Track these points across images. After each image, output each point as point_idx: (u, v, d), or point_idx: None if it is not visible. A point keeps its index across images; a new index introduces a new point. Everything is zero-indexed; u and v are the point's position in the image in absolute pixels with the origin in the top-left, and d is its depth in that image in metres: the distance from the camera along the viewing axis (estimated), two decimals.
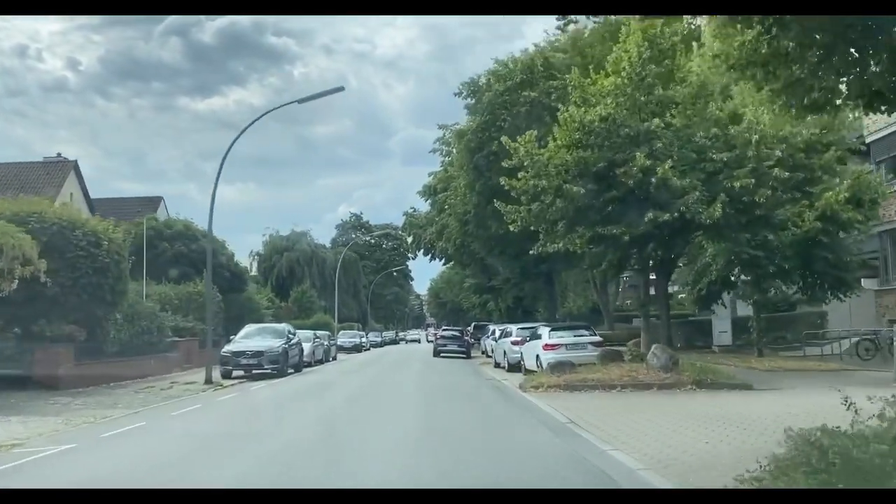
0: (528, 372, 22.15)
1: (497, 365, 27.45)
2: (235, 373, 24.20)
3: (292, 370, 26.51)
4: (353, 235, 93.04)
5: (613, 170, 16.19)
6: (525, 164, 17.20)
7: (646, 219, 15.63)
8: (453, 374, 24.73)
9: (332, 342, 37.36)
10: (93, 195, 42.10)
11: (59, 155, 41.04)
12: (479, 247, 31.83)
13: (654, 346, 16.96)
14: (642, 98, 16.59)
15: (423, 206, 46.88)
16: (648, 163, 15.46)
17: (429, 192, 43.83)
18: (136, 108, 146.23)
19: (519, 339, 24.59)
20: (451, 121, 36.02)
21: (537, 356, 20.70)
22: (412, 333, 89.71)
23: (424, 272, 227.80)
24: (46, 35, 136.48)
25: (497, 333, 32.80)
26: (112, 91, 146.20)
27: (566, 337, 20.71)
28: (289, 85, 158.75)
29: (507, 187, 17.96)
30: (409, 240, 46.26)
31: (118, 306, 21.21)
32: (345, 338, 50.10)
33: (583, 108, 16.36)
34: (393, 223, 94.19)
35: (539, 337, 21.55)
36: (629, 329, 38.05)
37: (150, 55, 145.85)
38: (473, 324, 48.14)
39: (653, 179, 15.46)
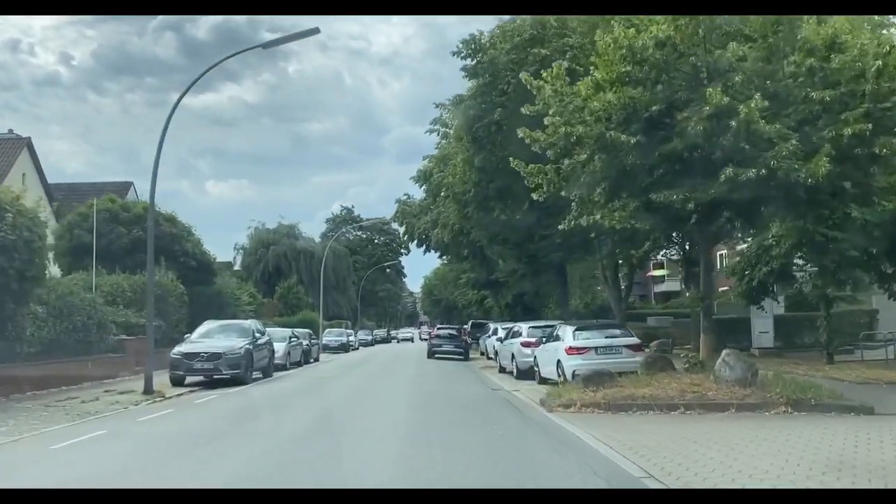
0: (543, 381, 17.80)
1: (503, 370, 23.11)
2: (191, 378, 19.83)
3: (259, 375, 22.10)
4: (344, 230, 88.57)
5: (673, 114, 11.86)
6: (552, 109, 12.81)
7: (722, 177, 11.27)
8: (453, 382, 20.34)
9: (313, 342, 32.91)
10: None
11: (10, 131, 36.41)
12: (480, 234, 27.42)
13: (725, 353, 12.63)
14: (708, 21, 12.24)
15: (417, 194, 42.51)
16: (725, 100, 11.11)
17: (423, 177, 39.44)
18: (129, 103, 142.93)
19: (531, 339, 20.25)
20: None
21: (558, 362, 16.33)
22: (404, 332, 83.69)
23: (418, 269, 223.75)
24: (39, 29, 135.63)
25: (500, 333, 28.44)
26: (105, 86, 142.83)
27: (595, 338, 16.33)
28: (283, 82, 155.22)
29: (527, 140, 13.56)
30: (402, 230, 41.72)
31: (30, 296, 16.73)
32: (331, 336, 45.64)
33: (632, 30, 11.99)
34: (385, 216, 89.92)
35: (558, 338, 17.21)
36: (644, 329, 33.76)
37: (144, 50, 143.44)
38: (471, 322, 43.69)
39: (732, 123, 11.12)
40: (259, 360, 21.65)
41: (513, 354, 21.12)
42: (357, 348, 52.08)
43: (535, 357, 18.86)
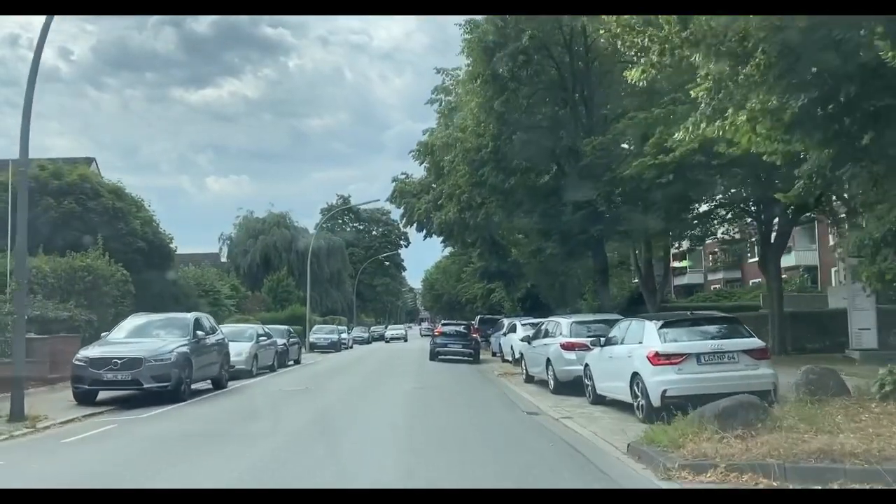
0: (598, 399, 11.98)
1: (530, 379, 17.25)
2: (111, 393, 14.04)
3: (210, 385, 16.29)
4: (341, 221, 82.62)
5: None
6: None
7: None
8: (470, 404, 14.14)
9: (293, 340, 26.98)
10: None
11: None
12: (496, 205, 21.44)
13: None
14: None
15: (417, 171, 36.53)
16: None
17: (424, 151, 33.50)
18: (128, 98, 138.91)
19: (576, 340, 14.35)
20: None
21: (635, 376, 10.39)
22: (394, 329, 69.17)
23: (419, 263, 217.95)
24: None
25: (521, 330, 22.57)
26: (105, 81, 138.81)
27: (694, 339, 10.35)
28: (284, 77, 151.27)
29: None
30: (400, 212, 35.80)
31: None
32: (319, 334, 39.68)
33: None
34: (384, 207, 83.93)
35: (624, 340, 11.37)
36: None
37: (144, 45, 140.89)
38: (479, 317, 37.68)
39: None
40: (204, 366, 15.72)
41: (548, 360, 15.19)
42: (351, 347, 46.14)
43: (586, 366, 12.95)
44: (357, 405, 13.59)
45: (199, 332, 15.57)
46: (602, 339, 12.47)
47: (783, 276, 43.79)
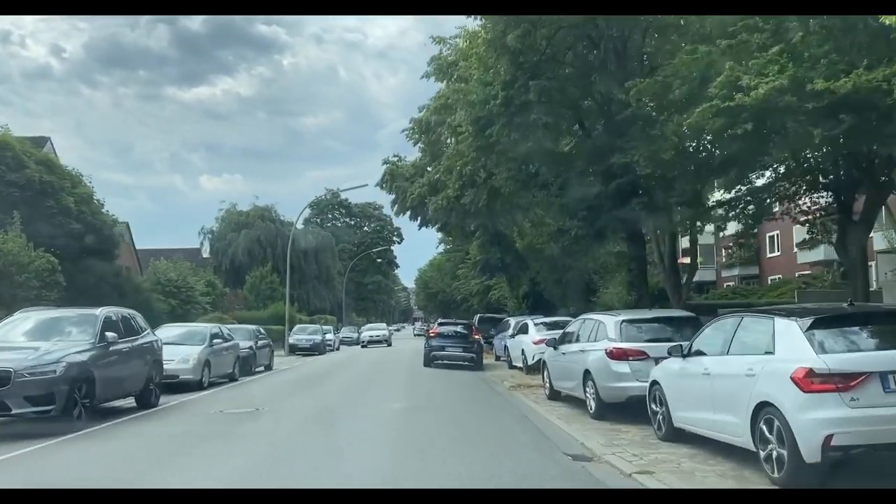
0: (672, 434, 7.79)
1: (555, 394, 12.99)
2: None
3: (132, 403, 12.02)
4: (331, 216, 78.30)
5: None
6: None
7: None
8: (483, 439, 9.57)
9: (262, 343, 22.57)
10: None
11: None
12: (509, 176, 17.09)
13: None
14: None
15: (410, 153, 32.20)
16: None
17: (419, 129, 29.25)
18: (121, 96, 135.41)
19: (629, 346, 10.09)
20: None
21: (763, 410, 6.14)
22: (374, 329, 52.76)
23: (412, 261, 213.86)
24: (30, 21, 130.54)
25: (534, 332, 18.48)
26: (97, 79, 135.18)
27: (876, 346, 6.15)
28: (278, 75, 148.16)
29: None
30: (391, 199, 31.39)
31: None
32: (301, 335, 35.26)
33: None
34: (376, 202, 79.61)
35: (730, 349, 7.19)
36: None
37: (137, 43, 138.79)
38: (478, 316, 33.28)
39: None
40: (119, 379, 11.44)
41: (587, 373, 10.88)
42: (337, 349, 41.77)
43: (654, 385, 8.71)
44: (316, 445, 9.23)
45: (110, 335, 11.20)
46: (682, 347, 8.24)
47: (808, 273, 39.89)
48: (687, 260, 49.78)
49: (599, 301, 32.95)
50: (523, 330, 20.10)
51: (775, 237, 44.25)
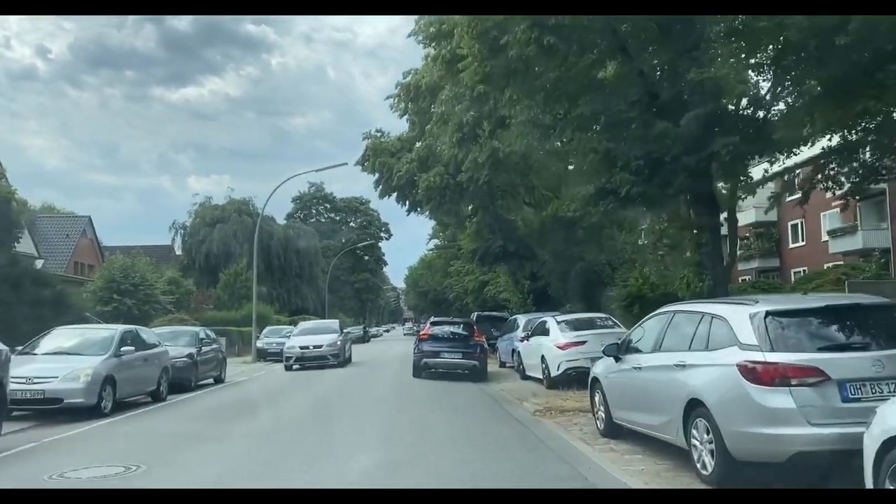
0: None
1: (613, 429, 8.19)
2: None
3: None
4: (314, 211, 73.27)
5: None
6: None
7: None
8: None
9: (206, 349, 17.49)
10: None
11: None
12: (527, 118, 12.12)
13: None
14: None
15: (393, 126, 27.36)
16: None
17: (405, 95, 24.46)
18: (107, 97, 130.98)
19: (816, 369, 5.29)
20: None
21: None
22: (311, 335, 24.40)
23: (402, 261, 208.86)
24: (15, 21, 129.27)
25: (555, 332, 13.76)
26: (83, 80, 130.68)
27: None
28: (266, 75, 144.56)
29: None
30: (374, 178, 26.43)
31: None
32: (271, 338, 30.27)
33: None
34: (363, 196, 74.61)
35: None
36: None
37: (123, 43, 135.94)
38: (475, 315, 28.29)
39: None
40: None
41: (695, 406, 6.06)
42: None
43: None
44: None
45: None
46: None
47: (841, 262, 35.29)
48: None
49: (615, 295, 28.23)
50: (541, 331, 15.27)
51: (799, 226, 39.69)
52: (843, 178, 13.31)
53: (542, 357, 14.36)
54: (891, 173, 13.49)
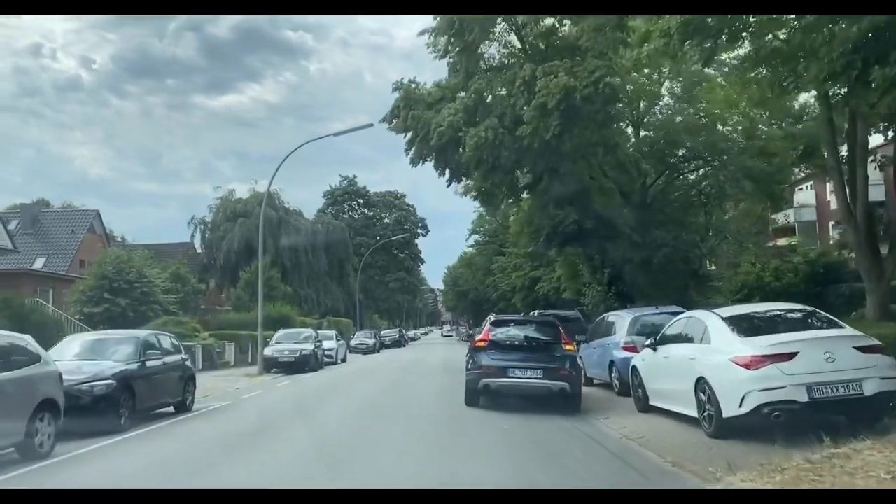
0: None
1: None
2: None
3: None
4: (346, 206, 67.74)
5: None
6: None
7: None
8: None
9: (172, 361, 11.53)
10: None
11: None
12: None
13: None
14: None
15: (429, 76, 21.19)
16: None
17: (447, 29, 18.57)
18: (150, 106, 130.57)
19: None
20: None
21: None
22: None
23: (440, 260, 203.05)
24: (60, 34, 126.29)
25: (733, 338, 7.40)
26: (126, 89, 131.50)
27: None
28: (305, 81, 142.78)
29: None
30: (405, 138, 20.38)
31: None
32: (283, 344, 24.36)
33: None
34: (397, 190, 68.94)
35: None
36: None
37: (164, 52, 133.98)
38: (536, 313, 21.84)
39: None
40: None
41: None
42: (343, 360, 30.90)
43: None
44: None
45: None
46: None
47: None
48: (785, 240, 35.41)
49: (722, 286, 21.73)
50: (682, 336, 8.92)
51: None
52: None
53: (700, 381, 7.98)
54: None
